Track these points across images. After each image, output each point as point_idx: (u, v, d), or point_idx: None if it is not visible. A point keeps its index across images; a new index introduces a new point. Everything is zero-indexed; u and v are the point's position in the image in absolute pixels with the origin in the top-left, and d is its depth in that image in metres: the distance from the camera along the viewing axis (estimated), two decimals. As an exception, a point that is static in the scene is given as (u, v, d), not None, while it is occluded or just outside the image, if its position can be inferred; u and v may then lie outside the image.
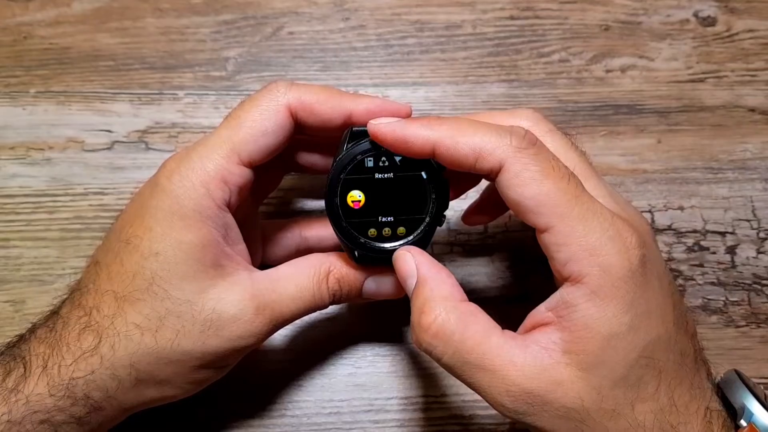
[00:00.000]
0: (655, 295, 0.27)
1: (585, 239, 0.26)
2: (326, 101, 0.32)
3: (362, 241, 0.31)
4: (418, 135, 0.28)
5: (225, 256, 0.31)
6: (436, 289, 0.28)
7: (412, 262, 0.30)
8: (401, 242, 0.31)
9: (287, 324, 0.32)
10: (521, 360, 0.26)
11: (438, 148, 0.28)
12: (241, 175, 0.31)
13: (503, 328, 0.28)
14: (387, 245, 0.31)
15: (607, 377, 0.26)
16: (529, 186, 0.26)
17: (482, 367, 0.27)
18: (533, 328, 0.28)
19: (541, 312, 0.28)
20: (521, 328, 0.29)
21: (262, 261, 0.37)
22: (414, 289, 0.29)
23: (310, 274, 0.32)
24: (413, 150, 0.28)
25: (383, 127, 0.29)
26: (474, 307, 0.28)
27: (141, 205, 0.31)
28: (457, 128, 0.28)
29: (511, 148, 0.27)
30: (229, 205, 0.31)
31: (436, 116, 0.29)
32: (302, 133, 0.33)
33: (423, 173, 0.30)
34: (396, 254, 0.31)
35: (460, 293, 0.29)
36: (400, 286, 0.34)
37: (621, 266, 0.26)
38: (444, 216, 0.31)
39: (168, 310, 0.29)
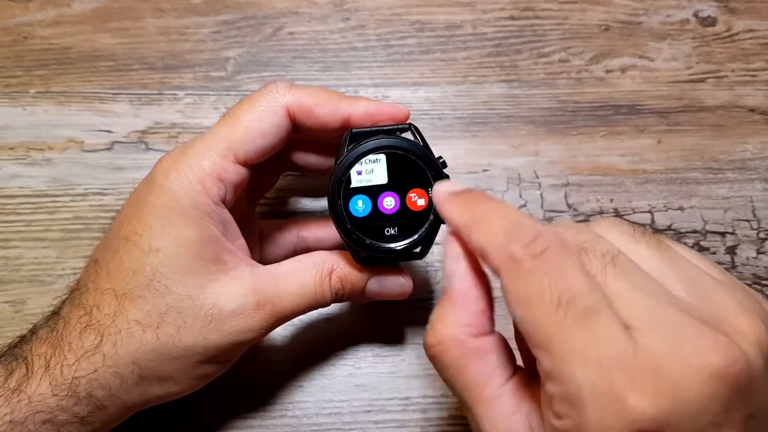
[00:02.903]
0: None
1: (566, 385, 0.22)
2: (325, 104, 0.32)
3: (368, 242, 0.31)
4: (446, 214, 0.28)
5: (225, 250, 0.31)
6: (456, 313, 0.26)
7: (458, 265, 0.27)
8: (407, 241, 0.31)
9: (288, 320, 0.32)
10: (503, 425, 0.24)
11: (459, 233, 0.27)
12: (236, 173, 0.31)
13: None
14: (393, 245, 0.31)
15: None
16: (512, 307, 0.23)
17: (467, 406, 0.25)
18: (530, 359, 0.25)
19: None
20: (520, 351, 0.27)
21: (260, 260, 0.37)
22: (442, 297, 0.27)
23: (313, 271, 0.32)
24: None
25: (437, 195, 0.29)
26: (488, 346, 0.26)
27: (138, 202, 0.31)
28: (476, 221, 0.26)
29: (506, 258, 0.23)
30: (225, 202, 0.31)
31: (479, 195, 0.27)
32: (298, 133, 0.33)
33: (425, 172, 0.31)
34: (446, 241, 0.28)
35: (481, 324, 0.26)
36: (403, 287, 0.34)
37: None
38: None
39: (169, 306, 0.29)
